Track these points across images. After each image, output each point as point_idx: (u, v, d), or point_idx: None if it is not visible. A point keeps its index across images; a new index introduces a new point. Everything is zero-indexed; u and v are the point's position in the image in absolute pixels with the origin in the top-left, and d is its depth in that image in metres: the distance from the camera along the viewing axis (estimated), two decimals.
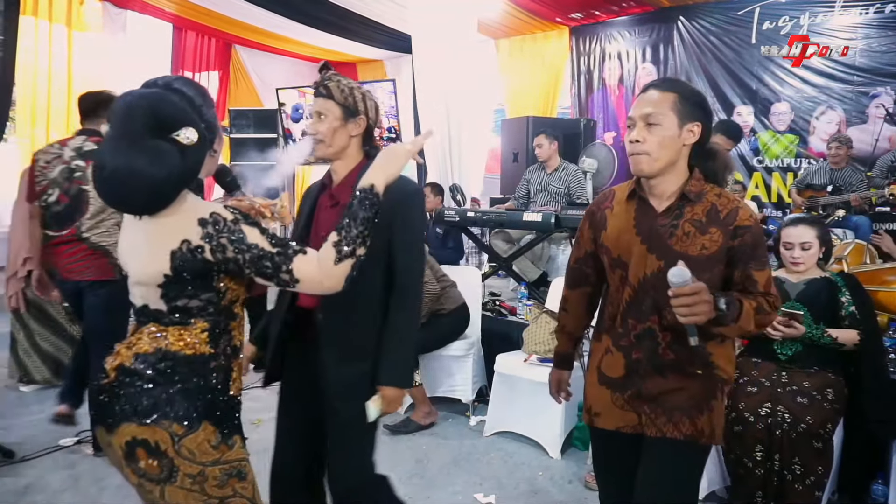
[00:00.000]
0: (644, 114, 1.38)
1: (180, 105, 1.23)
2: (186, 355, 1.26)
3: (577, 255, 1.67)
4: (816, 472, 2.11)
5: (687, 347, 1.36)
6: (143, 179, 1.16)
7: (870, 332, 2.30)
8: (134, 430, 1.21)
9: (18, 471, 2.73)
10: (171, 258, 1.21)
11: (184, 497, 1.23)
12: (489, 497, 2.54)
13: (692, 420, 1.43)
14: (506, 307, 3.83)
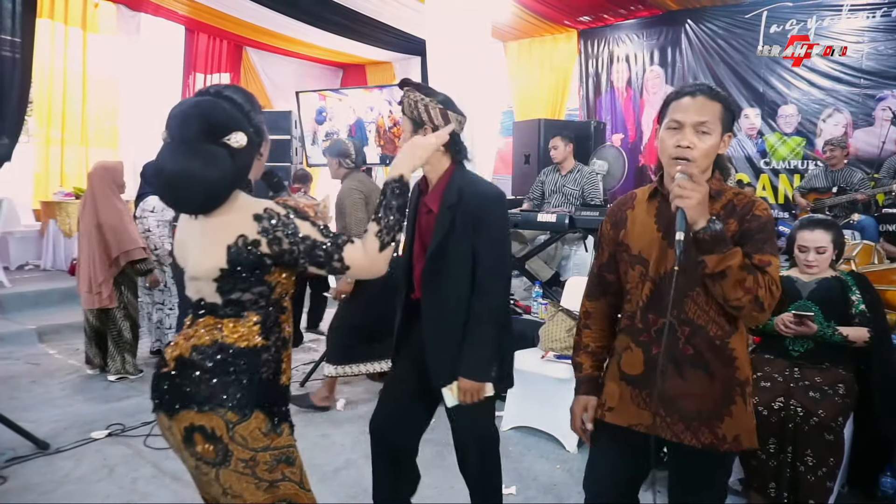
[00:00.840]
0: (697, 121, 1.40)
1: (230, 111, 1.32)
2: (240, 347, 1.33)
3: (600, 261, 1.66)
4: (828, 463, 2.19)
5: (705, 341, 1.42)
6: (198, 181, 1.26)
7: (879, 330, 2.38)
8: (192, 417, 1.30)
9: (54, 461, 2.83)
10: (227, 252, 1.29)
11: (237, 480, 1.32)
12: (510, 488, 2.62)
13: (711, 429, 1.43)
14: (520, 306, 3.92)
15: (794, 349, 2.45)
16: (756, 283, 1.34)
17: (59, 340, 4.78)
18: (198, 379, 1.31)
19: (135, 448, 2.98)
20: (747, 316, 1.39)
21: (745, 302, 1.34)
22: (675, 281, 1.33)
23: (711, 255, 1.32)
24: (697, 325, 1.43)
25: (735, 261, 1.33)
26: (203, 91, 1.38)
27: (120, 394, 3.72)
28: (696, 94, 1.42)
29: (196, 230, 1.36)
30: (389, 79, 9.32)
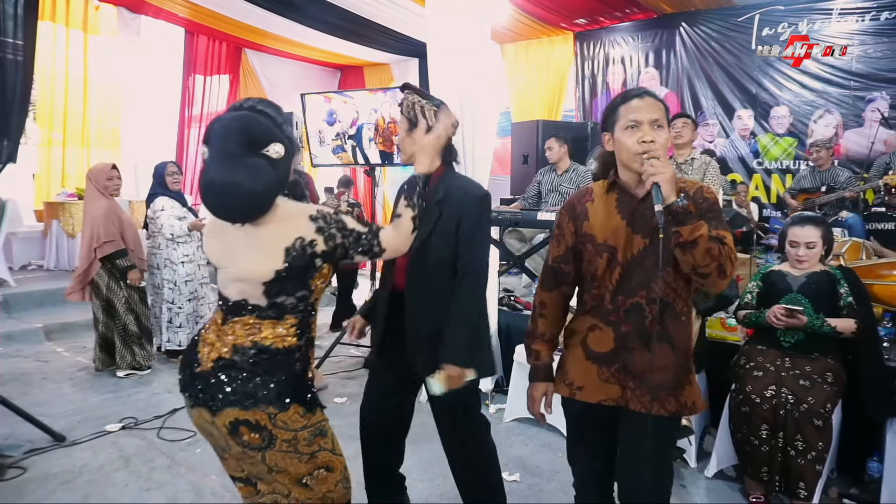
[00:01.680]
0: (652, 119, 1.53)
1: (267, 124, 1.42)
2: (277, 348, 1.44)
3: (555, 253, 1.73)
4: (817, 447, 2.30)
5: (671, 318, 1.56)
6: (246, 192, 1.35)
7: (867, 321, 2.49)
8: (237, 414, 1.40)
9: (71, 453, 2.91)
10: (285, 254, 1.39)
11: (281, 458, 1.45)
12: (514, 475, 2.73)
13: (676, 398, 1.57)
14: (520, 302, 4.02)
15: (786, 340, 2.57)
16: (720, 252, 1.45)
17: (66, 338, 4.86)
18: (240, 379, 1.41)
19: (149, 440, 3.07)
20: (712, 283, 1.48)
21: (713, 269, 1.45)
22: (664, 247, 1.45)
23: (685, 226, 1.43)
24: (666, 301, 1.56)
25: (704, 230, 1.44)
26: (237, 106, 1.46)
27: (130, 389, 3.80)
28: (644, 96, 1.56)
29: (241, 236, 1.43)
30: (387, 80, 9.41)
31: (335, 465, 1.54)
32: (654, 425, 1.56)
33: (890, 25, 5.81)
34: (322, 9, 7.00)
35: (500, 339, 3.73)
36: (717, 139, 6.98)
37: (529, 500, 2.55)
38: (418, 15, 6.40)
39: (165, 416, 3.36)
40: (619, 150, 1.58)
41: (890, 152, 5.48)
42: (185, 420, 3.31)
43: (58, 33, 7.16)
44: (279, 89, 9.18)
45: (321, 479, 1.51)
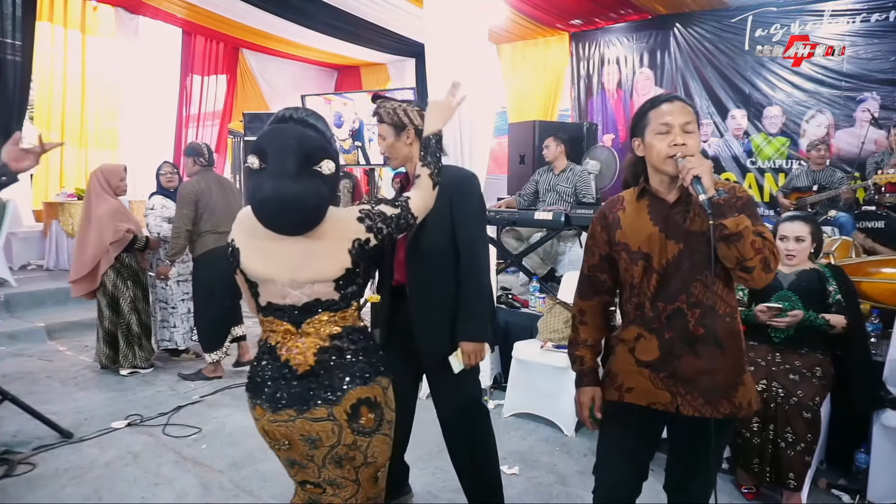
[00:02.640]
0: (684, 122, 1.55)
1: (320, 141, 1.48)
2: (358, 328, 1.56)
3: (590, 262, 1.74)
4: (806, 439, 2.38)
5: (714, 320, 1.56)
6: (304, 207, 1.42)
7: (855, 318, 2.58)
8: (359, 393, 1.48)
9: (79, 449, 2.97)
10: (350, 255, 1.49)
11: (380, 443, 1.56)
12: (513, 468, 2.80)
13: (729, 399, 1.57)
14: (518, 300, 4.09)
15: (776, 336, 2.65)
16: (763, 245, 1.47)
17: (68, 337, 4.90)
18: (351, 360, 1.50)
19: (155, 437, 3.13)
20: (757, 277, 1.49)
21: (757, 262, 1.46)
22: (712, 238, 1.46)
23: (728, 218, 1.44)
24: (707, 305, 1.55)
25: (748, 222, 1.46)
26: (285, 116, 1.49)
27: (134, 387, 3.86)
28: (674, 101, 1.58)
29: (298, 248, 1.48)
30: (384, 80, 9.47)
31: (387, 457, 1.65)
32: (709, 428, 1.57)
33: (880, 27, 5.90)
34: (319, 9, 7.05)
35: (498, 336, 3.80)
36: (711, 139, 7.07)
37: (528, 493, 2.62)
38: (415, 16, 6.45)
39: (170, 413, 3.42)
40: (650, 154, 1.60)
41: (880, 152, 5.57)
42: (189, 417, 3.38)
43: (56, 34, 7.18)
44: (276, 89, 9.23)
45: (382, 477, 1.63)
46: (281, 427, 1.48)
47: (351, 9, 7.00)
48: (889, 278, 2.99)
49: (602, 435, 1.77)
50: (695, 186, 1.45)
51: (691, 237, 1.56)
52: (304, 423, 1.47)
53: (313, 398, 1.46)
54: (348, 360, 1.50)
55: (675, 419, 1.64)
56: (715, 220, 1.44)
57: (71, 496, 2.54)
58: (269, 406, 1.48)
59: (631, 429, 1.69)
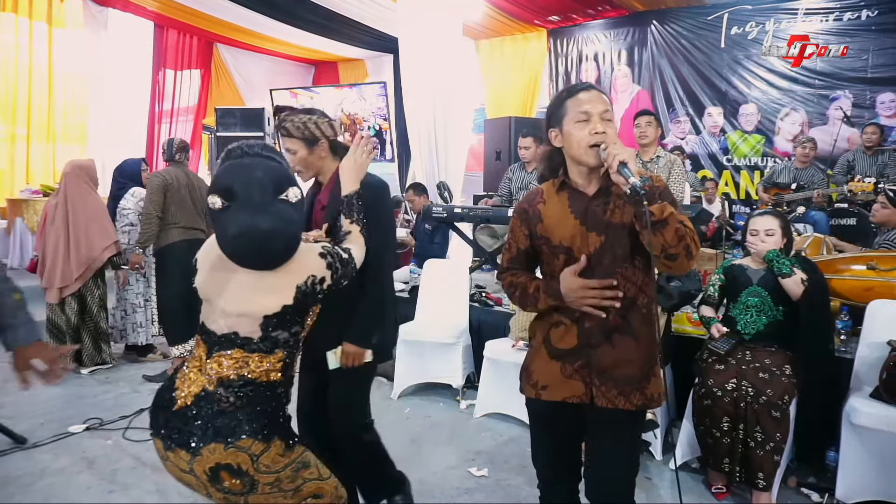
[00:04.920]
0: (602, 110, 1.53)
1: (284, 170, 1.45)
2: (262, 382, 1.42)
3: (508, 256, 1.72)
4: (775, 438, 2.35)
5: (633, 311, 1.56)
6: (282, 238, 1.37)
7: (820, 309, 2.56)
8: (219, 456, 1.34)
9: (32, 455, 2.85)
10: (296, 291, 1.41)
11: (265, 499, 1.42)
12: (482, 470, 2.75)
13: (642, 391, 1.57)
14: (492, 298, 4.04)
15: (746, 332, 2.63)
16: (686, 232, 1.44)
17: None
18: (222, 412, 1.36)
19: (114, 441, 3.02)
20: (680, 264, 1.47)
21: (681, 249, 1.44)
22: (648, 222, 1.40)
23: (654, 205, 1.41)
24: (628, 296, 1.55)
25: (671, 209, 1.43)
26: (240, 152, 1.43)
27: (96, 389, 3.74)
28: (591, 90, 1.57)
29: (248, 273, 1.41)
30: (362, 76, 9.38)
31: (324, 490, 1.53)
32: (620, 420, 1.57)
33: (852, 26, 5.96)
34: (295, 3, 6.95)
35: (471, 335, 3.75)
36: (689, 136, 7.09)
37: (496, 495, 2.57)
38: (392, 10, 6.39)
39: (132, 416, 3.30)
40: (569, 145, 1.56)
41: (853, 150, 5.62)
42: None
43: (20, 25, 6.98)
44: (252, 85, 9.09)
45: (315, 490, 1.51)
46: (168, 458, 1.41)
47: (327, 3, 6.91)
48: (858, 275, 2.98)
49: (531, 430, 1.78)
50: (622, 172, 1.42)
51: (612, 229, 1.55)
52: (173, 466, 1.40)
53: (178, 440, 1.36)
54: (220, 408, 1.36)
55: (588, 410, 1.61)
56: (643, 205, 1.41)
57: None
58: (152, 429, 1.43)
59: (556, 424, 1.68)
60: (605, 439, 1.63)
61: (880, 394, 2.42)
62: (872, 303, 2.72)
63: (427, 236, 5.12)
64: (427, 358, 3.63)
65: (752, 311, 2.64)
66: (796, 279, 2.54)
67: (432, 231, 5.11)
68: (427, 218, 4.68)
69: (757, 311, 2.63)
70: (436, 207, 4.43)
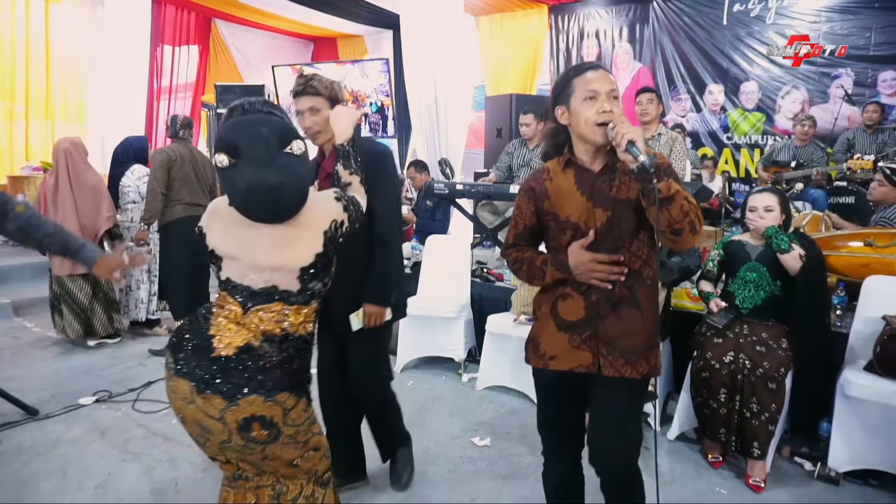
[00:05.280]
0: (610, 89, 1.55)
1: (286, 124, 1.46)
2: (299, 335, 1.48)
3: (514, 233, 1.75)
4: (770, 409, 2.42)
5: (639, 284, 1.60)
6: (291, 191, 1.40)
7: (817, 284, 2.60)
8: (256, 408, 1.39)
9: (45, 426, 2.92)
10: (323, 237, 1.45)
11: (280, 449, 1.48)
12: (485, 440, 2.82)
13: (647, 360, 1.62)
14: (493, 274, 4.09)
15: (744, 307, 2.68)
16: (690, 208, 1.48)
17: (35, 314, 4.79)
18: (266, 368, 1.41)
19: (124, 412, 3.09)
20: (685, 239, 1.50)
21: (686, 224, 1.48)
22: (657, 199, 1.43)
23: (661, 182, 1.44)
24: (633, 269, 1.59)
25: (677, 186, 1.47)
26: (243, 108, 1.45)
27: (103, 363, 3.80)
28: (598, 69, 1.59)
29: (267, 232, 1.44)
30: (361, 52, 9.31)
31: (321, 444, 1.60)
32: (627, 388, 1.62)
33: (855, 3, 5.92)
34: None
35: (472, 309, 3.81)
36: (689, 114, 7.08)
37: (499, 463, 2.64)
38: None
39: (140, 388, 3.37)
40: (576, 123, 1.58)
41: (853, 128, 5.63)
42: (159, 393, 3.33)
43: (16, 1, 6.90)
44: (250, 61, 9.02)
45: (308, 458, 1.56)
46: (178, 402, 1.43)
47: None
48: (855, 252, 3.02)
49: (538, 401, 1.83)
50: (631, 150, 1.44)
51: (618, 205, 1.58)
52: (196, 411, 1.41)
53: (212, 387, 1.38)
54: (263, 364, 1.41)
55: (594, 380, 1.65)
56: (651, 182, 1.43)
57: (35, 473, 2.49)
58: (173, 368, 1.42)
59: (563, 394, 1.72)
60: (611, 407, 1.66)
61: (873, 367, 2.48)
62: (868, 279, 2.77)
63: (428, 213, 5.15)
64: (429, 332, 3.69)
65: (750, 287, 2.69)
66: (794, 255, 2.58)
67: (434, 208, 5.14)
68: (429, 194, 4.71)
69: (755, 287, 2.68)
70: (437, 184, 4.45)
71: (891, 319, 2.55)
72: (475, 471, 2.58)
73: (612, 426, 1.67)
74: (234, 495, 1.55)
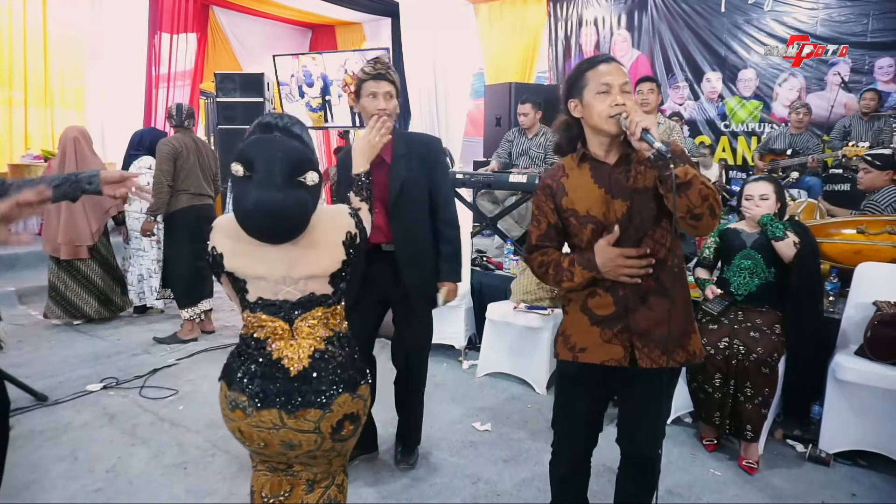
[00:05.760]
0: (622, 82, 1.56)
1: (305, 153, 1.48)
2: (344, 333, 1.55)
3: (538, 232, 1.73)
4: (763, 393, 2.49)
5: (664, 272, 1.60)
6: (290, 217, 1.43)
7: (811, 271, 2.66)
8: (347, 407, 1.45)
9: (54, 411, 2.98)
10: (344, 247, 1.51)
11: (353, 442, 1.56)
12: (486, 425, 2.89)
13: (684, 347, 1.62)
14: (493, 262, 4.14)
15: (739, 294, 2.74)
16: (709, 193, 1.48)
17: (39, 302, 4.82)
18: (343, 366, 1.47)
19: (131, 398, 3.15)
20: (705, 224, 1.51)
21: (706, 209, 1.48)
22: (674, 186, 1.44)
23: (679, 168, 1.45)
24: (658, 258, 1.59)
25: (694, 171, 1.48)
26: (269, 125, 1.48)
27: (109, 350, 3.86)
28: (611, 62, 1.60)
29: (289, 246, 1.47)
30: (359, 40, 9.26)
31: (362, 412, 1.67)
32: (662, 378, 1.63)
33: None
34: None
35: (472, 297, 3.86)
36: (687, 102, 7.10)
37: (499, 447, 2.71)
38: None
39: (146, 375, 3.43)
40: (589, 115, 1.59)
41: (850, 116, 5.67)
42: (165, 380, 3.40)
43: None
44: (249, 49, 8.97)
45: (350, 445, 1.61)
46: (262, 432, 1.43)
47: None
48: (848, 239, 3.08)
49: (558, 393, 1.82)
50: (646, 138, 1.46)
51: (637, 194, 1.59)
52: (287, 432, 1.42)
53: (305, 403, 1.41)
54: (339, 363, 1.47)
55: (626, 372, 1.66)
56: (668, 168, 1.45)
57: (46, 456, 2.56)
58: (251, 405, 1.42)
59: (585, 387, 1.73)
60: (648, 397, 1.67)
61: (864, 351, 2.55)
62: (860, 265, 2.83)
63: None
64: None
65: (745, 274, 2.75)
66: (789, 242, 2.64)
67: None
68: None
69: (750, 274, 2.74)
70: None
71: (881, 305, 2.62)
72: (476, 455, 2.65)
73: (648, 416, 1.70)
74: (271, 484, 1.56)
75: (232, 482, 2.39)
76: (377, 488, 2.37)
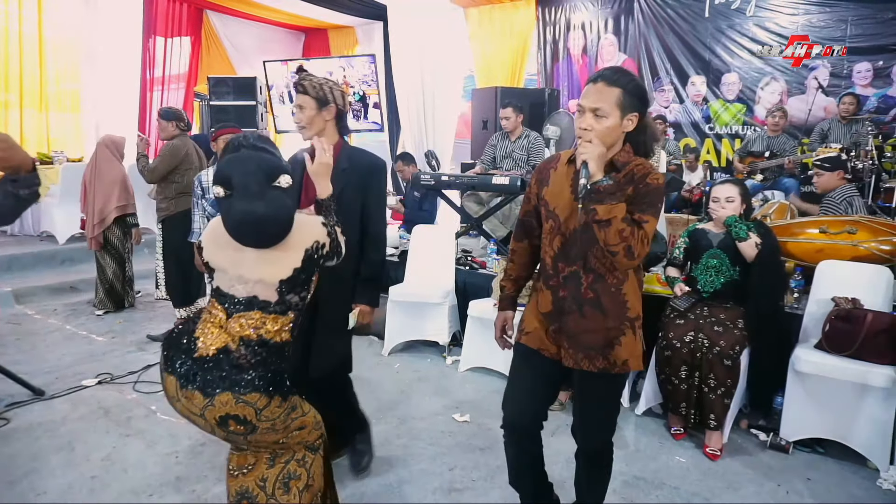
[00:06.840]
0: (593, 107, 1.62)
1: (274, 160, 1.64)
2: (275, 342, 1.63)
3: (525, 209, 1.90)
4: (726, 384, 2.63)
5: (603, 287, 1.71)
6: (276, 222, 1.58)
7: (772, 271, 2.81)
8: (229, 407, 1.53)
9: (51, 405, 3.10)
10: (304, 254, 1.62)
11: (262, 436, 1.65)
12: (465, 416, 3.02)
13: (605, 356, 1.71)
14: (477, 262, 4.27)
15: (706, 291, 2.88)
16: (632, 235, 1.58)
17: (35, 302, 4.95)
18: (240, 368, 1.57)
19: (125, 393, 3.27)
20: (620, 261, 1.62)
21: (621, 248, 1.58)
22: (584, 221, 1.63)
23: (602, 205, 1.57)
24: (598, 273, 1.70)
25: (619, 213, 1.57)
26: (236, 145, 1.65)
27: (104, 348, 3.98)
28: (598, 81, 1.65)
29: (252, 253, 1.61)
30: (352, 44, 9.40)
31: (306, 422, 1.76)
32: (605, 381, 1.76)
33: None
34: None
35: (457, 295, 4.00)
36: (672, 105, 7.25)
37: (477, 437, 2.84)
38: None
39: (140, 371, 3.55)
40: None
41: (829, 118, 5.82)
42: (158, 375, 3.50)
43: None
44: (242, 52, 9.09)
45: (293, 437, 1.73)
46: (168, 396, 1.61)
47: None
48: (811, 238, 3.22)
49: (511, 369, 1.94)
50: (582, 171, 1.59)
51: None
52: (182, 407, 1.58)
53: (192, 384, 1.54)
54: (236, 364, 1.56)
55: (572, 372, 1.79)
56: (588, 203, 1.59)
57: (45, 447, 2.68)
58: (163, 366, 1.61)
59: (531, 367, 1.85)
60: (589, 398, 1.83)
61: (822, 344, 2.69)
62: (821, 263, 2.98)
63: (416, 203, 5.32)
64: (415, 317, 3.88)
65: (711, 272, 2.89)
66: (751, 243, 2.78)
67: (421, 198, 5.31)
68: (416, 185, 4.88)
69: (716, 272, 2.88)
70: (424, 175, 4.62)
71: (839, 301, 2.76)
72: (454, 444, 2.78)
73: (591, 414, 1.85)
74: (238, 458, 1.75)
75: (221, 470, 2.49)
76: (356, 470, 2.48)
